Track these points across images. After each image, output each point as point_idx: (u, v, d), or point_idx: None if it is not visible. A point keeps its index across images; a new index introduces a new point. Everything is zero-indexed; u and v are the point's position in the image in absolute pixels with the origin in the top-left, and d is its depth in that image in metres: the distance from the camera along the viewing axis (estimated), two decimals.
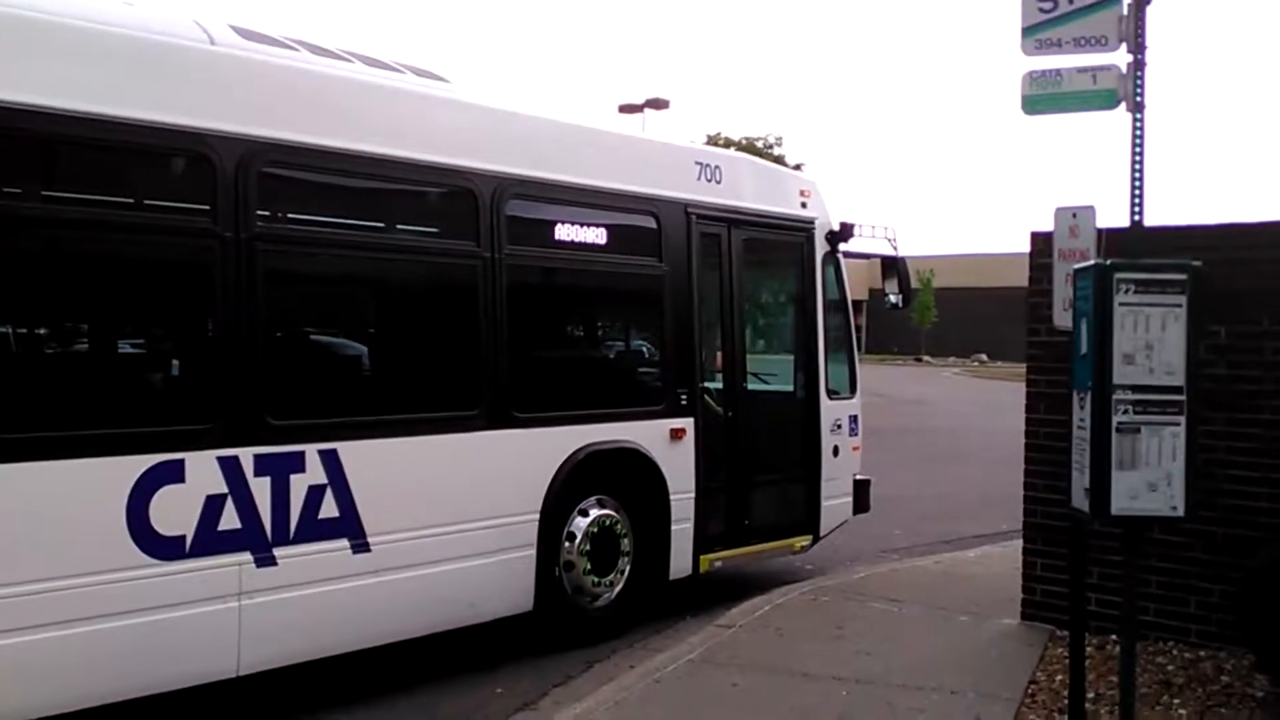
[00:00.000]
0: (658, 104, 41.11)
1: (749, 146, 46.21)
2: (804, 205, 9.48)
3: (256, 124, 5.93)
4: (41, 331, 5.51)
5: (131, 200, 5.77)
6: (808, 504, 9.40)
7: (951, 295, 66.17)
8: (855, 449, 9.97)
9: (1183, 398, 4.41)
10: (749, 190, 8.97)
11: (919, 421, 26.55)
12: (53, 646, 5.13)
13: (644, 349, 8.66)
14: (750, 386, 9.05)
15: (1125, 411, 4.39)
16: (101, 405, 5.50)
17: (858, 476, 10.01)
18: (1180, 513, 4.43)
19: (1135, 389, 4.39)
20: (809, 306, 9.49)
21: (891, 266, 10.38)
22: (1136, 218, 5.22)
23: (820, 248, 9.58)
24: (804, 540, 9.42)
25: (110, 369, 5.79)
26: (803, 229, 9.46)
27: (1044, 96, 5.68)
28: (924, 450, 20.23)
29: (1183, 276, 4.41)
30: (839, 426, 9.67)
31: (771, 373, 9.59)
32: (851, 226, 9.86)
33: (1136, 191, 5.15)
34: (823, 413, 9.46)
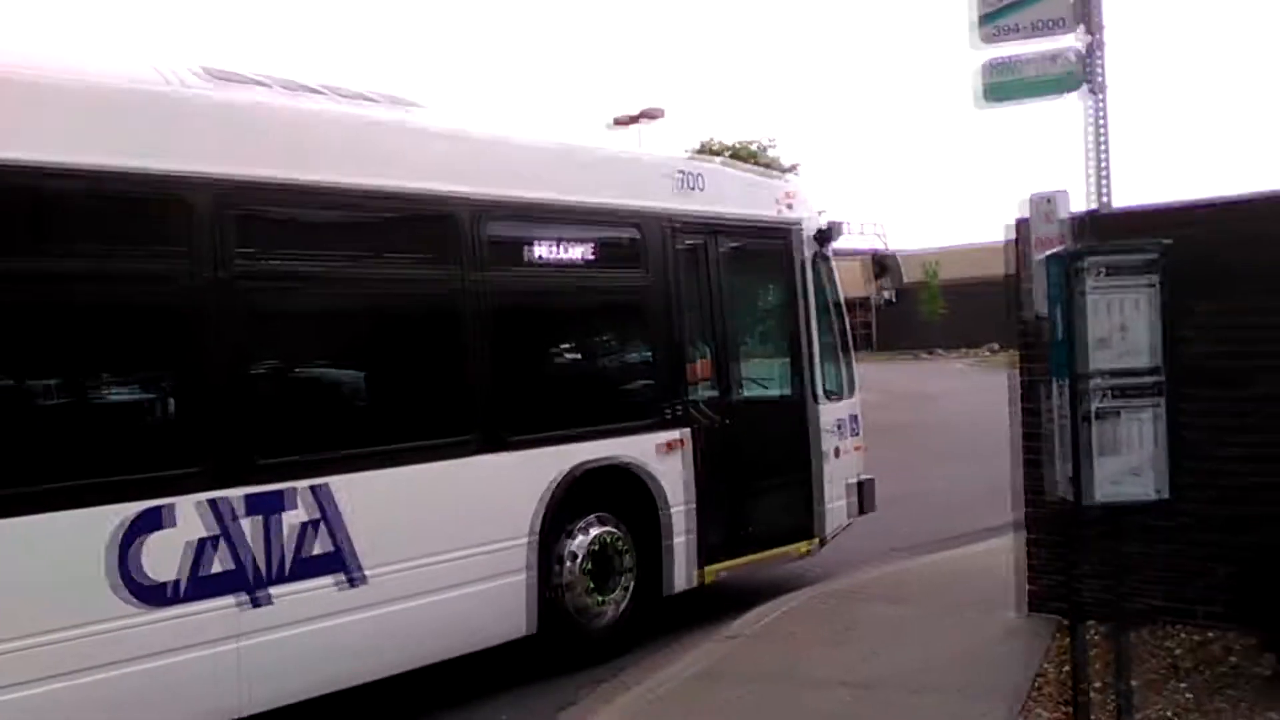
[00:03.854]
0: (652, 114, 41.06)
1: (742, 151, 46.10)
2: (789, 208, 9.46)
3: (230, 164, 5.95)
4: (23, 384, 5.49)
5: (107, 247, 5.74)
6: (809, 508, 9.35)
7: (959, 287, 65.96)
8: (857, 449, 9.93)
9: (1160, 379, 4.38)
10: (731, 197, 8.95)
11: (928, 417, 26.41)
12: (51, 700, 5.12)
13: (633, 363, 8.64)
14: (744, 393, 9.03)
15: (1102, 397, 4.36)
16: (86, 455, 5.49)
17: (861, 477, 9.96)
18: (1164, 496, 4.39)
19: (1111, 374, 4.36)
20: (799, 309, 9.45)
21: (882, 263, 10.36)
22: (1104, 199, 5.19)
23: (808, 249, 9.55)
24: (808, 545, 9.37)
25: (93, 418, 5.77)
26: (788, 232, 9.43)
27: (1004, 85, 5.64)
28: (932, 446, 20.12)
29: (1152, 257, 4.37)
30: (838, 427, 9.63)
31: (765, 378, 9.57)
32: (838, 225, 9.84)
33: (1104, 173, 5.12)
34: (820, 415, 9.42)
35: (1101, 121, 5.17)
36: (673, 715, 6.20)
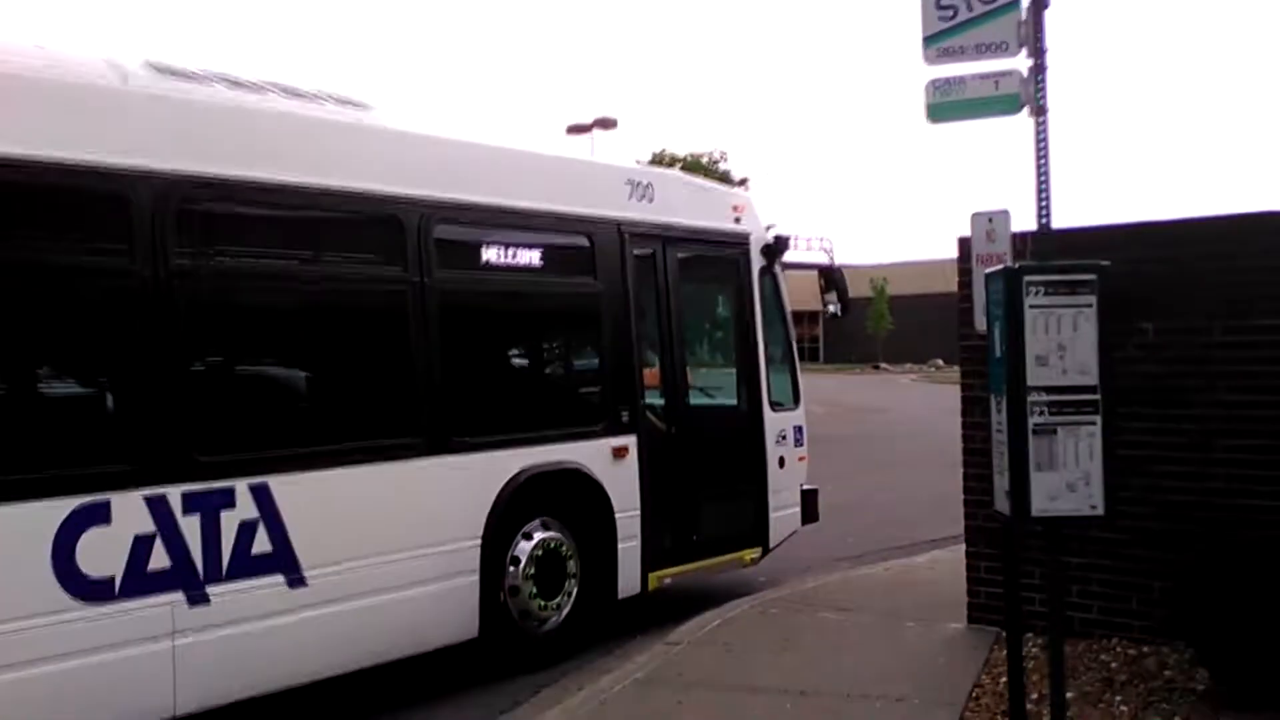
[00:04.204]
0: (606, 123, 41.00)
1: (694, 163, 46.12)
2: (738, 220, 9.52)
3: (172, 160, 5.89)
4: None
5: (49, 241, 5.69)
6: (756, 516, 9.41)
7: (906, 302, 66.64)
8: (801, 459, 9.99)
9: (1097, 397, 4.44)
10: (682, 207, 8.99)
11: (874, 429, 26.68)
12: None
13: (582, 369, 8.65)
14: (692, 401, 9.06)
15: (1040, 413, 4.42)
16: (22, 449, 5.41)
17: (805, 486, 10.02)
18: (1100, 512, 4.46)
19: (1049, 390, 4.42)
20: (747, 319, 9.52)
21: (829, 277, 10.45)
22: (1044, 220, 5.26)
23: (756, 261, 9.61)
24: (754, 553, 9.42)
25: (31, 412, 5.68)
26: (738, 243, 9.50)
27: (947, 104, 5.71)
28: (879, 457, 20.32)
29: (1091, 277, 4.44)
30: (784, 438, 9.69)
31: (714, 387, 9.62)
32: (787, 239, 9.91)
33: (1043, 194, 5.19)
34: (766, 424, 9.48)
35: (1043, 143, 5.24)
36: None
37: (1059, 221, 5.86)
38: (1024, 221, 6.15)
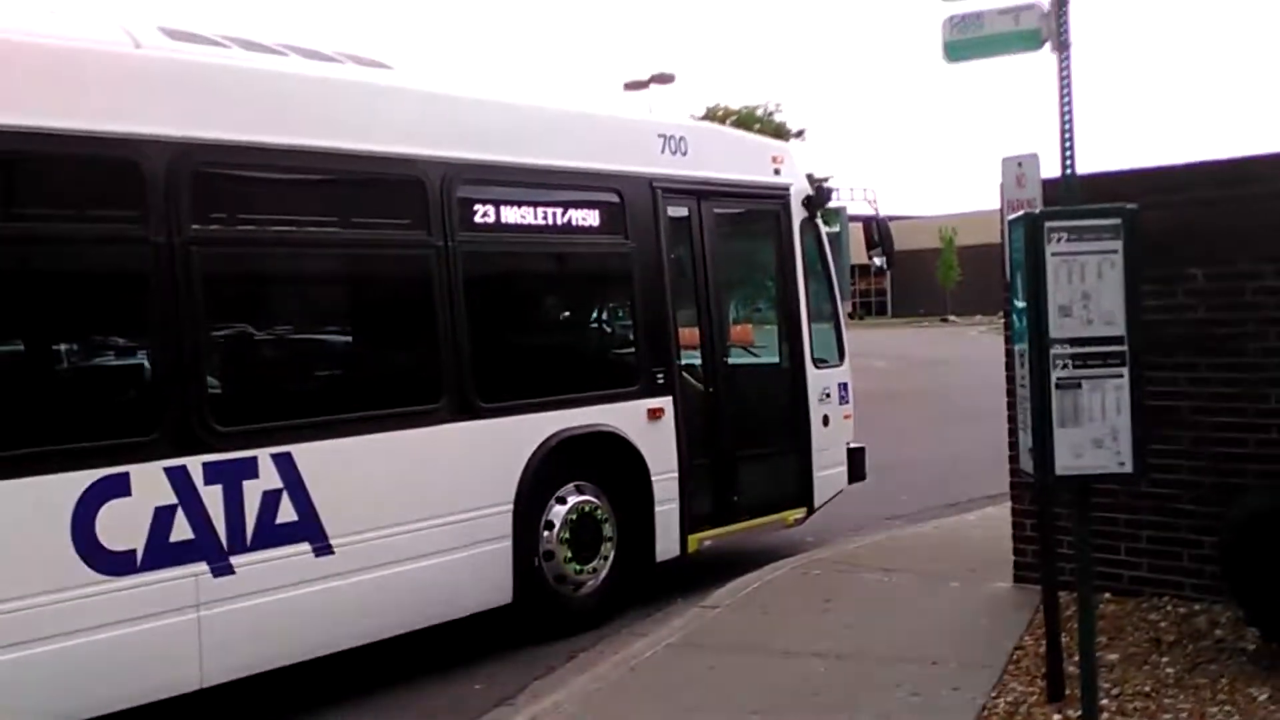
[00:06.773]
0: (663, 79, 40.75)
1: (748, 115, 45.37)
2: (777, 171, 9.28)
3: (185, 126, 5.81)
4: None
5: (59, 211, 5.65)
6: (799, 476, 9.23)
7: (976, 252, 65.37)
8: (847, 417, 9.78)
9: (1124, 348, 4.21)
10: (717, 160, 8.77)
11: (938, 383, 26.25)
12: (7, 669, 5.06)
13: (615, 329, 8.51)
14: (732, 360, 8.90)
15: (1064, 366, 4.20)
16: (40, 422, 5.40)
17: (852, 444, 9.82)
18: (1129, 469, 4.23)
19: (1073, 342, 4.19)
20: (789, 274, 9.30)
21: (874, 229, 10.18)
22: (1068, 164, 4.97)
23: (797, 214, 9.38)
24: (798, 513, 9.26)
25: (47, 384, 5.66)
26: (777, 196, 9.26)
27: (966, 41, 5.44)
28: (940, 412, 19.93)
29: (1116, 221, 4.20)
30: (828, 395, 9.49)
31: (754, 345, 9.44)
32: (830, 191, 9.67)
33: (1067, 136, 4.91)
34: (809, 382, 9.28)
35: (1066, 82, 4.96)
36: (645, 685, 6.11)
37: (1095, 166, 5.62)
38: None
